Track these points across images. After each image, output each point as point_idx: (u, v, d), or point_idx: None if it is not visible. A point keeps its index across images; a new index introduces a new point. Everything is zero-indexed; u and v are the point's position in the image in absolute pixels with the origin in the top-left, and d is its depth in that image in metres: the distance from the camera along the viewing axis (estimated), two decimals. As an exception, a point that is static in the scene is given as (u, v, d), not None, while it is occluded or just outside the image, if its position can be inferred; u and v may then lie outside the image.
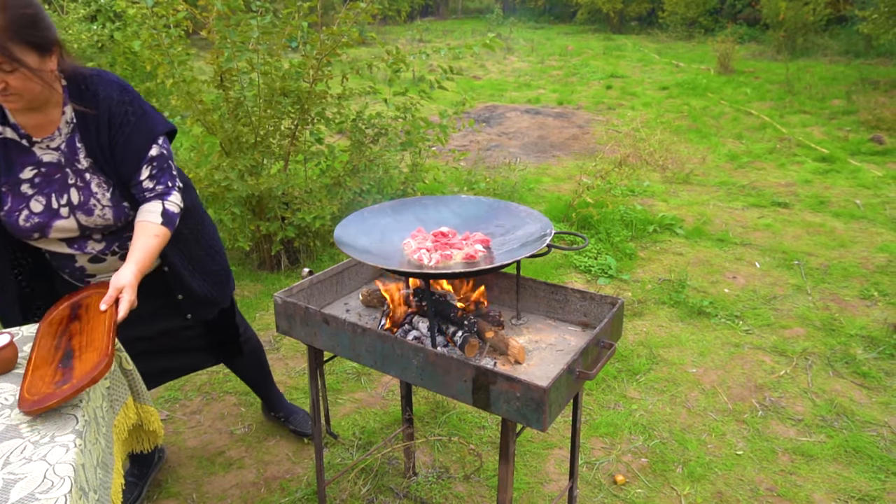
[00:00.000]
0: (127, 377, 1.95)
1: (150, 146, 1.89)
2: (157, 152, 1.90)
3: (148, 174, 1.89)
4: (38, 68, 1.66)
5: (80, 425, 1.37)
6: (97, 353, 1.50)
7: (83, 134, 1.83)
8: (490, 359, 1.75)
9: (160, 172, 1.91)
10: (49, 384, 1.43)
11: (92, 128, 1.83)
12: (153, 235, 1.85)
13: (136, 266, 1.76)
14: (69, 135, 1.83)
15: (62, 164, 1.83)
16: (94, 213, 1.85)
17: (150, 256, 1.82)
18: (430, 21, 23.87)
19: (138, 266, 1.77)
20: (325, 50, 3.86)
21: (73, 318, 1.68)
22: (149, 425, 2.08)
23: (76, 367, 1.47)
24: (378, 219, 2.01)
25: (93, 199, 1.85)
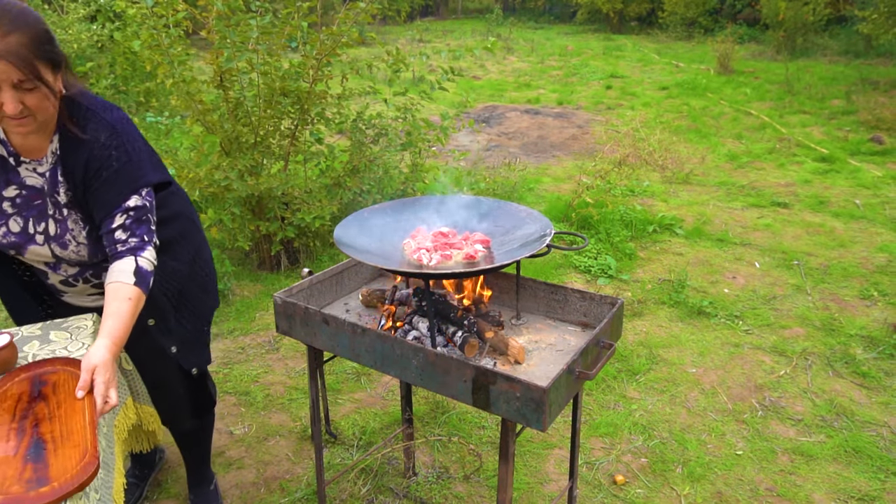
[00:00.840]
0: (126, 377, 1.95)
1: (128, 196, 1.71)
2: (136, 203, 1.72)
3: (121, 223, 1.69)
4: (54, 87, 1.58)
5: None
6: (79, 451, 1.27)
7: (65, 168, 1.72)
8: (490, 359, 1.75)
9: (136, 224, 1.71)
10: (17, 480, 1.21)
11: (73, 163, 1.71)
12: (126, 299, 1.63)
13: (111, 340, 1.53)
14: (52, 166, 1.72)
15: (44, 191, 1.73)
16: (68, 247, 1.76)
17: (126, 326, 1.61)
18: (429, 21, 23.87)
19: (112, 339, 1.54)
20: (325, 50, 3.86)
21: (36, 397, 1.44)
22: (148, 425, 2.08)
23: (52, 465, 1.24)
24: (378, 219, 2.01)
25: (68, 234, 1.75)
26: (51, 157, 1.72)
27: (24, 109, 1.54)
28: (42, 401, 1.43)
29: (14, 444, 1.29)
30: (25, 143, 1.70)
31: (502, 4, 25.10)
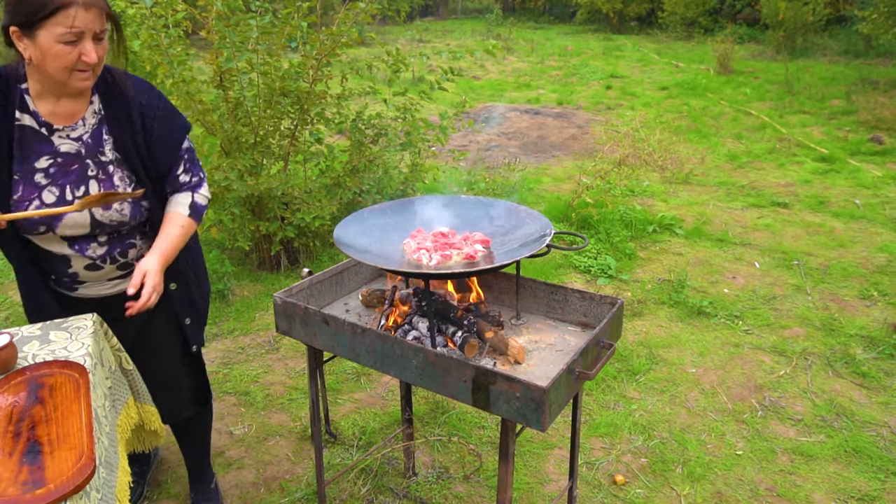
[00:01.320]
0: (127, 377, 1.96)
1: (182, 139, 1.90)
2: (188, 144, 1.93)
3: (183, 168, 1.91)
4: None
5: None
6: (75, 454, 1.28)
7: (111, 126, 1.79)
8: (490, 359, 1.75)
9: (192, 164, 1.94)
10: (13, 483, 1.20)
11: (122, 120, 1.79)
12: (178, 226, 1.85)
13: (161, 254, 1.78)
14: (95, 126, 1.78)
15: (82, 154, 1.76)
16: (111, 206, 1.79)
17: (174, 247, 1.84)
18: (429, 21, 23.87)
19: (162, 254, 1.79)
20: (325, 50, 3.86)
21: (33, 401, 1.44)
22: (150, 425, 2.08)
23: (48, 467, 1.24)
24: (378, 219, 2.01)
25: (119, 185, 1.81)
26: (91, 118, 1.77)
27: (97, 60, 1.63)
28: (39, 403, 1.43)
29: (10, 447, 1.29)
30: (60, 108, 1.73)
31: (502, 4, 25.10)
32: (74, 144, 1.75)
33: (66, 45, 1.58)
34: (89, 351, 1.63)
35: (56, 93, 1.71)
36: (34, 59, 1.61)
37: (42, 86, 1.70)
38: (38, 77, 1.68)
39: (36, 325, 1.78)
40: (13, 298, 4.07)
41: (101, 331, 1.84)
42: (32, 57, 1.61)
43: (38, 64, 1.62)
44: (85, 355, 1.61)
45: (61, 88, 1.69)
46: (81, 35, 1.58)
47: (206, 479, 2.42)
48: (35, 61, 1.62)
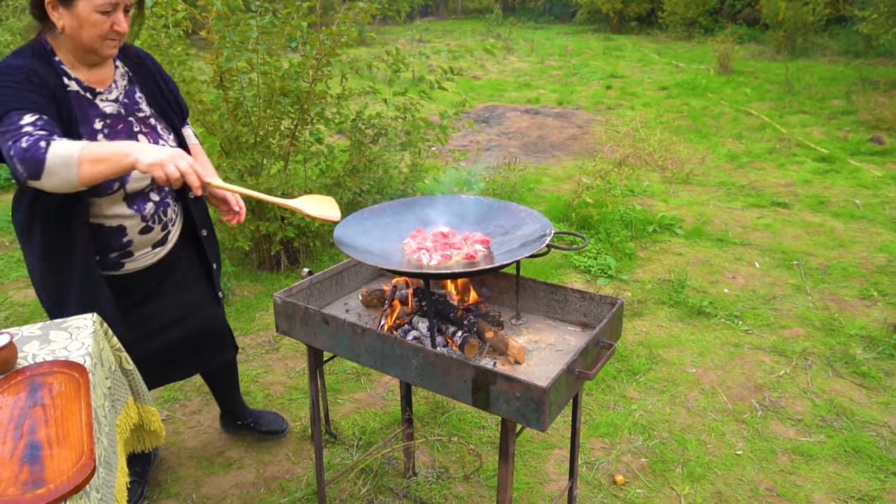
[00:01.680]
0: (127, 377, 1.96)
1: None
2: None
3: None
4: None
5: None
6: (75, 453, 1.28)
7: (141, 85, 1.99)
8: (490, 359, 1.75)
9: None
10: (13, 483, 1.20)
11: (147, 79, 2.02)
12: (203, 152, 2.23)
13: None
14: (127, 87, 1.96)
15: (122, 114, 1.92)
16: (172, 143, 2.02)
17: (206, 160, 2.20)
18: (429, 21, 23.88)
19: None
20: (325, 50, 3.86)
21: (33, 401, 1.45)
22: (149, 425, 2.08)
23: (48, 467, 1.24)
24: (378, 219, 2.01)
25: (161, 140, 1.99)
26: (122, 81, 1.96)
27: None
28: (39, 403, 1.43)
29: (10, 447, 1.29)
30: (94, 75, 1.88)
31: (502, 4, 25.10)
32: (115, 105, 1.92)
33: (102, 15, 1.74)
34: (89, 351, 1.63)
35: (86, 62, 1.85)
36: (67, 29, 1.75)
37: (73, 55, 1.83)
38: (69, 47, 1.81)
39: (36, 325, 1.78)
40: (13, 298, 4.07)
41: (101, 330, 1.84)
42: (66, 26, 1.75)
43: (72, 33, 1.75)
44: (85, 355, 1.61)
45: (90, 57, 1.83)
46: (116, 6, 1.76)
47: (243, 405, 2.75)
48: (68, 30, 1.75)
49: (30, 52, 1.80)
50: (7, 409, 1.41)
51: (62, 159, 1.53)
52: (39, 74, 1.75)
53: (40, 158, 1.53)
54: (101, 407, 1.59)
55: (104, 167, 1.56)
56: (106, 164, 1.55)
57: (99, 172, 1.56)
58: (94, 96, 1.88)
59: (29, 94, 1.68)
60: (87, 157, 1.54)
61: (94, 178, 1.57)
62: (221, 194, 2.14)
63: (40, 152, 1.53)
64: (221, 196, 2.14)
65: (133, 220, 1.95)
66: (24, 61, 1.75)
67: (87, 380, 1.49)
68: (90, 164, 1.54)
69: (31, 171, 1.54)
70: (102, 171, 1.56)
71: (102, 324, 1.85)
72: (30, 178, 1.56)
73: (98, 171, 1.56)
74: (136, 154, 1.55)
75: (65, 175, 1.54)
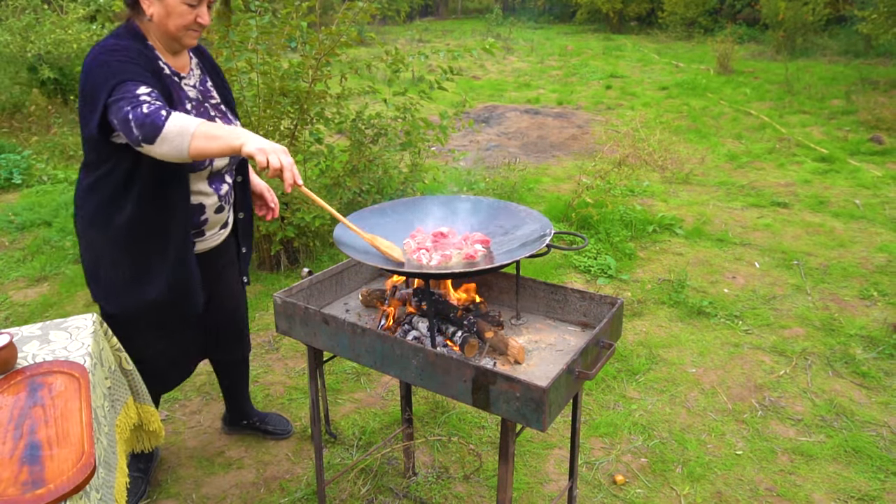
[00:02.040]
0: (127, 377, 1.96)
1: None
2: None
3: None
4: None
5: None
6: (75, 453, 1.28)
7: (210, 75, 2.14)
8: (490, 359, 1.75)
9: None
10: (13, 483, 1.20)
11: (212, 70, 2.16)
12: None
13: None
14: (201, 76, 2.10)
15: (200, 99, 2.06)
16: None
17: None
18: (429, 21, 23.87)
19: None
20: (324, 50, 3.86)
21: (33, 401, 1.45)
22: (149, 425, 2.08)
23: (48, 467, 1.24)
24: (378, 219, 2.01)
25: (234, 120, 2.15)
26: (196, 70, 2.10)
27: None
28: (39, 404, 1.43)
29: (10, 447, 1.29)
30: (177, 62, 2.01)
31: (502, 4, 25.10)
32: (194, 91, 2.05)
33: (188, 7, 1.87)
34: (89, 351, 1.63)
35: (170, 49, 1.97)
36: (155, 17, 1.87)
37: (160, 42, 1.95)
38: (156, 34, 1.93)
39: (36, 325, 1.78)
40: (13, 298, 4.07)
41: (101, 330, 1.84)
42: (155, 14, 1.87)
43: (159, 21, 1.88)
44: (85, 355, 1.61)
45: (173, 44, 1.95)
46: (201, 1, 1.89)
47: (250, 404, 2.78)
48: (156, 18, 1.87)
49: (129, 34, 1.91)
50: (7, 409, 1.41)
51: (179, 129, 1.62)
52: (145, 55, 1.88)
53: (159, 125, 1.62)
54: (101, 407, 1.59)
55: (216, 144, 1.63)
56: (217, 142, 1.63)
57: (208, 148, 1.64)
58: (179, 80, 2.01)
59: (142, 70, 1.81)
60: (202, 132, 1.63)
61: (202, 152, 1.65)
62: (259, 190, 2.34)
63: (161, 119, 1.63)
64: (259, 191, 2.33)
65: (211, 198, 2.07)
66: (129, 42, 1.88)
67: (87, 380, 1.49)
68: (204, 139, 1.63)
69: (147, 135, 1.63)
70: (213, 147, 1.64)
71: (102, 324, 1.85)
72: (144, 141, 1.64)
73: (209, 146, 1.64)
74: (245, 138, 1.63)
75: (178, 144, 1.63)
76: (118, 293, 2.07)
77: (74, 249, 4.66)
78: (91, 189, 2.00)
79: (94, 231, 2.04)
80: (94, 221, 2.02)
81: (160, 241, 2.00)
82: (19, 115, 7.79)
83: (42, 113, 7.69)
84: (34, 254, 4.67)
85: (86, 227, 2.06)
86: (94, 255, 2.08)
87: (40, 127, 7.53)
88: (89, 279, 2.13)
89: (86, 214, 2.04)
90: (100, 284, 2.10)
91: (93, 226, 2.03)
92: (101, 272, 2.08)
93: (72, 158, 6.79)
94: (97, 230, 2.03)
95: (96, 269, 2.09)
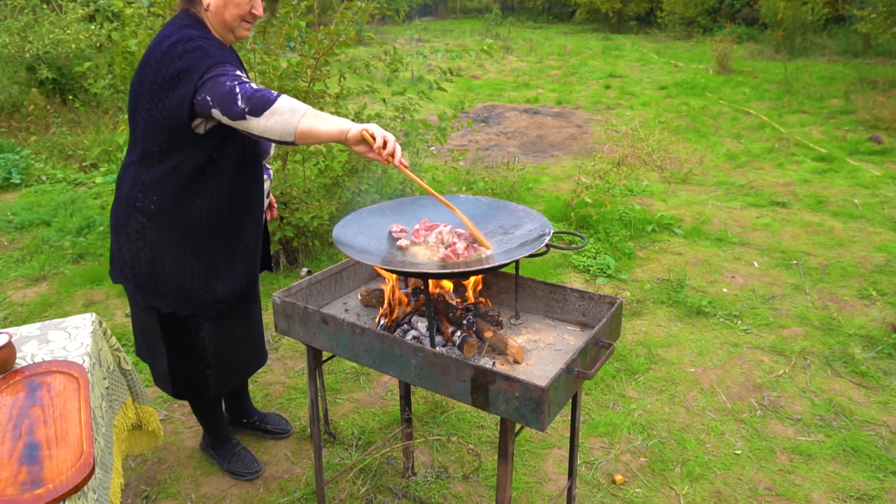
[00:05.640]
0: (126, 377, 1.95)
1: None
2: None
3: None
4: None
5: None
6: (74, 453, 1.28)
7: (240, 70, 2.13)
8: (489, 358, 1.75)
9: None
10: (12, 483, 1.20)
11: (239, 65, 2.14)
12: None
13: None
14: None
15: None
16: None
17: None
18: (428, 21, 23.86)
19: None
20: (323, 49, 3.86)
21: (32, 401, 1.45)
22: (147, 425, 2.08)
23: (46, 467, 1.25)
24: (377, 219, 2.01)
25: None
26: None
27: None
28: (37, 404, 1.43)
29: (9, 447, 1.29)
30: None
31: (501, 4, 25.08)
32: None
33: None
34: (88, 351, 1.63)
35: (224, 39, 2.00)
36: (213, 6, 1.92)
37: (216, 31, 1.98)
38: (213, 23, 1.97)
39: (35, 324, 1.77)
40: (12, 298, 4.06)
41: (100, 330, 1.84)
42: (212, 4, 1.92)
43: (216, 11, 1.92)
44: (84, 355, 1.61)
45: (228, 35, 1.99)
46: None
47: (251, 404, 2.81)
48: (213, 8, 1.93)
49: (197, 24, 1.94)
50: (6, 409, 1.41)
51: (291, 106, 1.67)
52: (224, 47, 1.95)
53: (272, 99, 1.68)
54: (99, 407, 1.59)
55: (323, 125, 1.66)
56: (325, 123, 1.66)
57: (315, 128, 1.66)
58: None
59: (231, 56, 1.89)
60: (311, 112, 1.68)
61: (309, 132, 1.67)
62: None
63: (272, 95, 1.70)
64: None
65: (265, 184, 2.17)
66: (202, 32, 1.92)
67: (86, 380, 1.49)
68: (314, 119, 1.67)
69: (255, 107, 1.68)
70: (320, 128, 1.67)
71: (101, 323, 1.85)
72: (250, 113, 1.69)
73: (317, 126, 1.66)
74: (351, 123, 1.66)
75: (288, 118, 1.66)
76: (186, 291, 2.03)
77: (73, 249, 4.65)
78: (159, 182, 1.94)
79: (157, 225, 1.98)
80: (158, 216, 1.97)
81: (235, 235, 2.05)
82: (18, 115, 7.78)
83: (41, 113, 7.69)
84: (33, 253, 4.66)
85: (146, 222, 1.98)
86: (153, 251, 2.00)
87: (39, 127, 7.52)
88: (134, 276, 2.04)
89: (146, 208, 1.97)
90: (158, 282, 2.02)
91: (157, 221, 1.97)
92: (162, 270, 2.01)
93: (70, 158, 6.78)
94: (161, 225, 1.97)
95: (154, 266, 2.01)
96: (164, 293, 2.03)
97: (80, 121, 7.63)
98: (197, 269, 2.01)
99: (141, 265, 2.02)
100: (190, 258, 2.00)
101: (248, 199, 2.04)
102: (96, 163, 6.59)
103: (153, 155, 1.92)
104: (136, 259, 2.02)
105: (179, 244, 1.99)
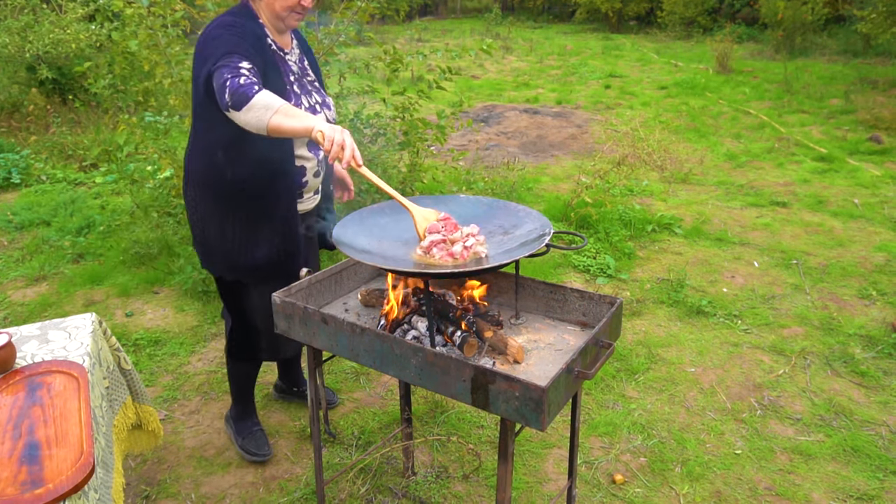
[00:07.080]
0: (126, 377, 1.95)
1: None
2: None
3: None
4: None
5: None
6: (74, 453, 1.28)
7: (307, 55, 2.35)
8: (489, 358, 1.75)
9: None
10: (12, 482, 1.20)
11: (306, 52, 2.36)
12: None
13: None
14: (299, 54, 2.31)
15: (300, 76, 2.26)
16: (332, 108, 2.34)
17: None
18: (428, 20, 23.86)
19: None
20: (323, 49, 3.86)
21: (32, 401, 1.45)
22: (147, 425, 2.08)
23: (47, 467, 1.24)
24: (377, 219, 2.01)
25: (327, 99, 2.35)
26: (296, 49, 2.30)
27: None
28: (37, 403, 1.43)
29: (9, 447, 1.29)
30: (282, 39, 2.22)
31: (501, 4, 25.08)
32: (295, 66, 2.26)
33: None
34: (88, 350, 1.63)
35: (276, 28, 2.17)
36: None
37: (268, 21, 2.15)
38: (266, 14, 2.14)
39: (35, 324, 1.77)
40: (12, 298, 4.06)
41: (100, 330, 1.84)
42: None
43: (268, 1, 2.09)
44: (84, 355, 1.61)
45: (279, 24, 2.16)
46: None
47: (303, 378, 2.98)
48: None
49: (244, 13, 2.12)
50: (6, 409, 1.41)
51: (265, 103, 1.80)
52: (256, 34, 2.09)
53: (250, 96, 1.81)
54: (99, 407, 1.59)
55: (290, 123, 1.80)
56: (293, 121, 1.80)
57: (284, 125, 1.80)
58: (283, 55, 2.22)
59: (248, 47, 2.01)
60: (283, 110, 1.81)
61: (279, 127, 1.80)
62: (342, 175, 2.54)
63: (252, 91, 1.82)
64: (341, 176, 2.53)
65: (311, 162, 2.24)
66: (243, 21, 2.09)
67: (86, 379, 1.49)
68: (283, 117, 1.80)
69: (236, 102, 1.82)
70: (289, 125, 1.80)
71: (101, 323, 1.85)
72: (232, 107, 1.83)
73: (285, 124, 1.80)
74: (316, 121, 1.79)
75: (261, 116, 1.80)
76: (227, 256, 2.24)
77: (73, 249, 4.66)
78: (199, 154, 2.20)
79: (202, 195, 2.22)
80: (202, 186, 2.21)
81: (268, 203, 2.18)
82: (18, 115, 7.78)
83: (41, 112, 7.68)
84: (33, 253, 4.66)
85: (195, 192, 2.24)
86: (202, 219, 2.25)
87: (39, 126, 7.52)
88: (196, 244, 2.33)
89: (194, 179, 2.23)
90: (207, 248, 2.28)
91: (201, 190, 2.22)
92: (209, 236, 2.25)
93: (70, 158, 6.78)
94: (205, 194, 2.21)
95: (204, 233, 2.27)
96: (212, 259, 2.31)
97: (80, 121, 7.63)
98: (235, 236, 2.21)
99: (197, 232, 2.31)
100: (230, 224, 2.21)
101: (281, 167, 2.16)
102: (96, 163, 6.59)
103: (196, 130, 2.21)
104: (195, 227, 2.30)
105: (221, 212, 2.21)
